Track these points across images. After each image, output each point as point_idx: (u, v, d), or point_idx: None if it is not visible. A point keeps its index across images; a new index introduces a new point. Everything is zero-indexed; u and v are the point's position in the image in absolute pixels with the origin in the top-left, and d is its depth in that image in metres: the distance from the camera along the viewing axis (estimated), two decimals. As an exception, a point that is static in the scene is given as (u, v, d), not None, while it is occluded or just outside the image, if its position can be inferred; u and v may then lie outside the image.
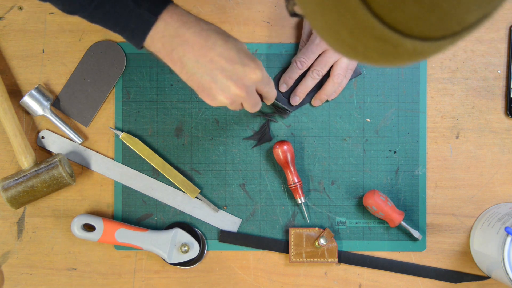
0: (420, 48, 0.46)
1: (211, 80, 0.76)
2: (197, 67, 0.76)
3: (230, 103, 0.79)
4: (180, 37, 0.75)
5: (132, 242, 0.96)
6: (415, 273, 0.99)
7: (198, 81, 0.77)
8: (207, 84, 0.77)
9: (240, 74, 0.77)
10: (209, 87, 0.77)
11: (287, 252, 0.99)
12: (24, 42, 1.00)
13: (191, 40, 0.75)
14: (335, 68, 0.96)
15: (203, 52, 0.75)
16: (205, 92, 0.78)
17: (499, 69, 1.00)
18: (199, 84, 0.77)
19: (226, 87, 0.77)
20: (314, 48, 0.94)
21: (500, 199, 1.00)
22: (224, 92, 0.77)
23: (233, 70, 0.76)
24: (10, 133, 0.96)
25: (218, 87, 0.77)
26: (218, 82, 0.77)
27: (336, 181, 1.00)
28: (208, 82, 0.77)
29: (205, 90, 0.78)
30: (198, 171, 1.00)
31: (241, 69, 0.76)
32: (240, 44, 0.78)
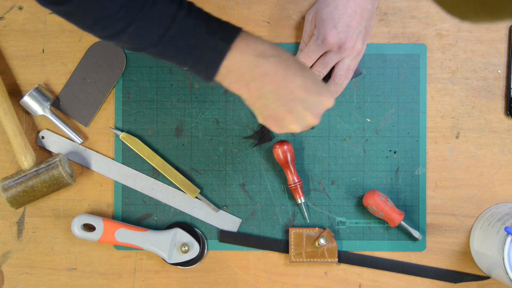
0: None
1: (287, 110, 0.76)
2: (276, 98, 0.75)
3: (299, 131, 0.79)
4: (260, 68, 0.73)
5: (132, 242, 0.96)
6: (415, 273, 0.99)
7: (273, 111, 0.76)
8: (282, 114, 0.76)
9: (316, 104, 0.76)
10: (283, 117, 0.76)
11: (287, 252, 0.99)
12: (24, 42, 1.00)
13: (272, 71, 0.73)
14: (337, 69, 0.95)
15: (284, 83, 0.74)
16: (276, 122, 0.77)
17: (499, 69, 1.00)
18: (273, 114, 0.76)
19: (302, 118, 0.77)
20: (315, 48, 0.94)
21: (500, 199, 1.00)
22: (299, 122, 0.77)
23: (311, 101, 0.76)
24: (10, 133, 0.96)
25: (293, 118, 0.76)
26: (294, 112, 0.76)
27: (336, 181, 1.00)
28: (284, 113, 0.76)
29: (277, 120, 0.77)
30: (198, 171, 1.00)
31: (318, 98, 0.76)
32: (312, 72, 0.77)
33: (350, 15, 0.91)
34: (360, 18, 0.91)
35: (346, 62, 0.95)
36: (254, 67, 0.73)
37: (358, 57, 0.95)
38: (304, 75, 0.75)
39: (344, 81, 0.97)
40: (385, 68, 1.00)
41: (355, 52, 0.94)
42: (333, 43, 0.92)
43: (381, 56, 1.00)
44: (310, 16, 0.96)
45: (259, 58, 0.73)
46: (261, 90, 0.74)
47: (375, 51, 1.00)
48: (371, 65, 1.00)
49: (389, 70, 1.00)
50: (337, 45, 0.92)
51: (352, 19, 0.91)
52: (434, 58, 1.00)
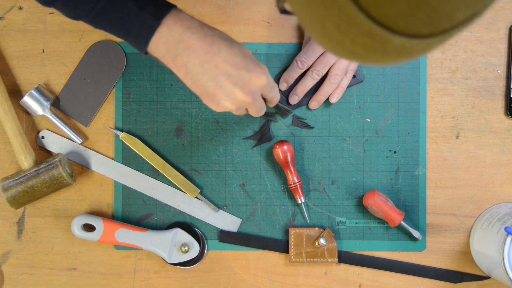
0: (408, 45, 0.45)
1: (216, 86, 0.76)
2: (202, 73, 0.75)
3: (235, 109, 0.79)
4: (184, 43, 0.74)
5: (132, 242, 0.96)
6: (415, 273, 0.99)
7: (202, 87, 0.76)
8: (212, 90, 0.76)
9: (245, 79, 0.76)
10: (214, 93, 0.77)
11: (287, 252, 0.99)
12: (24, 42, 1.00)
13: (196, 45, 0.75)
14: (333, 68, 0.96)
15: (208, 57, 0.75)
16: (210, 98, 0.77)
17: (499, 69, 1.00)
18: (204, 90, 0.77)
19: (232, 93, 0.76)
20: (315, 47, 0.94)
21: (500, 199, 1.00)
22: (230, 98, 0.77)
23: (239, 76, 0.76)
24: (10, 133, 0.96)
25: (223, 93, 0.76)
26: (223, 88, 0.76)
27: (336, 181, 1.00)
28: (213, 88, 0.76)
29: (210, 96, 0.77)
30: (198, 171, 1.00)
31: (247, 74, 0.76)
32: (245, 49, 0.77)
33: None
34: None
35: (344, 62, 0.95)
36: (178, 42, 0.74)
37: None
38: (232, 51, 0.76)
39: (344, 81, 0.97)
40: (385, 68, 1.00)
41: None
42: None
43: (381, 56, 1.00)
44: None
45: (184, 33, 0.74)
46: (187, 65, 0.75)
47: (375, 51, 1.00)
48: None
49: (389, 70, 1.00)
50: None
51: None
52: (434, 58, 1.00)
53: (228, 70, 0.75)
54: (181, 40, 0.74)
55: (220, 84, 0.76)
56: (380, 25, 0.43)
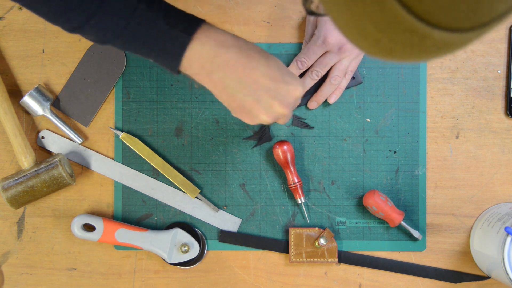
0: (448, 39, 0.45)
1: (254, 100, 0.75)
2: (240, 88, 0.74)
3: (270, 121, 0.78)
4: (220, 57, 0.73)
5: (132, 242, 0.96)
6: (415, 273, 0.99)
7: (239, 101, 0.75)
8: (249, 104, 0.75)
9: (284, 92, 0.75)
10: (250, 108, 0.76)
11: (287, 252, 0.99)
12: (24, 42, 1.00)
13: (233, 60, 0.73)
14: (333, 70, 0.96)
15: (247, 72, 0.73)
16: (245, 113, 0.77)
17: (499, 69, 1.00)
18: (240, 105, 0.76)
19: (270, 107, 0.76)
20: (316, 48, 0.94)
21: (500, 199, 1.00)
22: (267, 112, 0.76)
23: (278, 89, 0.75)
24: (10, 133, 0.96)
25: (261, 107, 0.76)
26: (261, 102, 0.75)
27: (336, 181, 1.00)
28: (251, 103, 0.75)
29: (246, 111, 0.76)
30: (198, 171, 1.00)
31: (285, 87, 0.75)
32: (278, 61, 0.77)
33: None
34: None
35: (344, 63, 0.95)
36: (214, 57, 0.73)
37: (358, 59, 0.96)
38: (269, 64, 0.75)
39: (342, 82, 0.97)
40: (385, 68, 1.00)
41: (354, 54, 0.94)
42: (333, 44, 0.92)
43: (381, 56, 1.00)
44: (312, 16, 0.96)
45: (219, 48, 0.73)
46: (224, 81, 0.74)
47: (375, 51, 1.00)
48: (371, 65, 1.00)
49: (389, 70, 1.00)
50: (337, 46, 0.92)
51: None
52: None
53: (267, 84, 0.74)
54: (216, 55, 0.73)
55: (258, 98, 0.75)
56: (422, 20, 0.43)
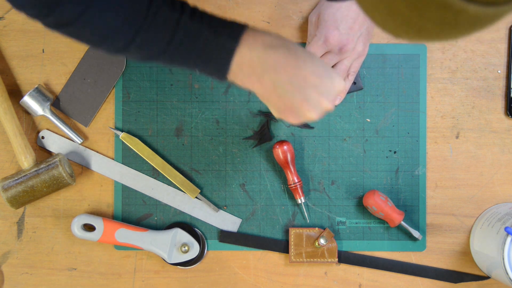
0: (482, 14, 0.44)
1: (303, 99, 0.75)
2: (290, 88, 0.74)
3: (316, 118, 0.78)
4: (270, 59, 0.73)
5: (132, 242, 0.96)
6: (415, 273, 0.99)
7: (289, 101, 0.75)
8: (298, 103, 0.75)
9: (329, 87, 0.76)
10: (299, 106, 0.76)
11: (287, 252, 0.99)
12: (24, 42, 1.00)
13: (283, 61, 0.73)
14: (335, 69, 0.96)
15: (297, 72, 0.74)
16: (293, 112, 0.77)
17: (499, 69, 1.00)
18: (289, 105, 0.76)
19: (318, 103, 0.76)
20: (316, 48, 0.94)
21: (500, 199, 1.00)
22: (316, 109, 0.76)
23: (324, 86, 0.75)
24: (10, 133, 0.96)
25: (309, 105, 0.76)
26: (310, 100, 0.75)
27: (336, 181, 1.00)
28: (300, 101, 0.75)
29: (294, 110, 0.76)
30: (198, 171, 1.00)
31: (330, 82, 0.76)
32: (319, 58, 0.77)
33: (352, 18, 0.91)
34: (362, 21, 0.91)
35: (345, 63, 0.95)
36: (264, 60, 0.73)
37: (360, 59, 0.96)
38: (314, 61, 0.75)
39: (346, 84, 0.97)
40: (385, 68, 1.00)
41: (356, 54, 0.94)
42: (334, 44, 0.92)
43: (381, 56, 1.00)
44: (313, 17, 0.96)
45: (267, 50, 0.73)
46: (274, 82, 0.74)
47: (375, 51, 1.00)
48: (371, 65, 1.00)
49: (389, 70, 1.00)
50: (338, 46, 0.92)
51: (354, 22, 0.91)
52: (434, 58, 1.00)
53: (315, 82, 0.75)
54: (266, 57, 0.73)
55: (307, 96, 0.75)
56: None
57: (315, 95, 0.75)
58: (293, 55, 0.74)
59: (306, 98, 0.75)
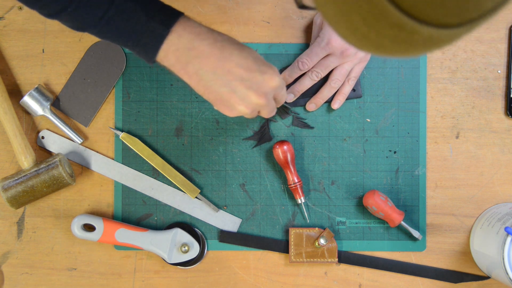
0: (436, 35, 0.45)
1: (230, 91, 0.75)
2: (214, 79, 0.75)
3: (249, 113, 0.78)
4: (195, 50, 0.74)
5: (132, 242, 0.96)
6: (415, 273, 0.99)
7: (216, 93, 0.76)
8: (226, 95, 0.76)
9: (259, 82, 0.76)
10: (227, 99, 0.76)
11: (287, 252, 0.99)
12: (24, 42, 1.00)
13: (207, 52, 0.74)
14: (334, 73, 0.95)
15: (221, 63, 0.74)
16: (224, 104, 0.77)
17: (499, 69, 1.00)
18: (217, 96, 0.76)
19: (246, 97, 0.76)
20: (318, 50, 0.94)
21: (500, 199, 1.00)
22: (244, 102, 0.76)
23: (253, 79, 0.75)
24: (10, 133, 0.96)
25: (237, 98, 0.76)
26: (237, 92, 0.75)
27: (336, 181, 1.00)
28: (227, 94, 0.76)
29: (224, 102, 0.77)
30: (198, 171, 1.00)
31: (260, 77, 0.76)
32: (254, 52, 0.77)
33: None
34: None
35: (346, 67, 0.95)
36: (189, 50, 0.74)
37: (361, 64, 0.95)
38: (243, 55, 0.75)
39: (346, 88, 0.97)
40: (385, 68, 1.00)
41: (357, 59, 0.94)
42: (336, 47, 0.92)
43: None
44: (318, 19, 0.96)
45: (194, 40, 0.74)
46: (199, 72, 0.75)
47: (375, 51, 1.00)
48: (371, 65, 1.00)
49: (389, 70, 1.00)
50: (340, 49, 0.92)
51: None
52: (434, 58, 1.00)
53: (242, 74, 0.75)
54: (191, 47, 0.74)
55: (234, 89, 0.75)
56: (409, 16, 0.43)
57: (242, 88, 0.75)
58: (219, 47, 0.74)
59: (232, 91, 0.75)
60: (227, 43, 0.75)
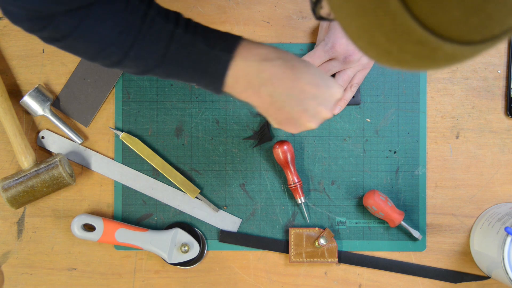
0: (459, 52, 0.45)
1: (302, 110, 0.75)
2: (288, 100, 0.74)
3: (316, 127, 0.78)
4: (266, 72, 0.73)
5: (132, 242, 0.96)
6: (415, 273, 0.99)
7: (287, 113, 0.75)
8: (298, 114, 0.75)
9: (327, 97, 0.76)
10: (298, 117, 0.76)
11: (287, 252, 0.99)
12: (24, 42, 1.00)
13: (279, 73, 0.73)
14: (336, 78, 0.95)
15: (294, 84, 0.73)
16: (292, 123, 0.77)
17: (499, 69, 1.00)
18: (288, 116, 0.76)
19: (317, 113, 0.76)
20: (322, 53, 0.93)
21: (500, 199, 1.00)
22: (315, 119, 0.76)
23: (322, 95, 0.75)
24: (10, 133, 0.96)
25: (309, 115, 0.76)
26: (309, 110, 0.75)
27: (336, 181, 1.00)
28: (299, 113, 0.75)
29: (293, 121, 0.76)
30: (198, 171, 1.00)
31: (328, 92, 0.76)
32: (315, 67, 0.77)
33: None
34: None
35: (348, 73, 0.95)
36: (260, 72, 0.73)
37: (363, 71, 0.95)
38: (311, 72, 0.75)
39: (348, 93, 0.97)
40: (385, 68, 1.00)
41: (360, 66, 0.94)
42: (340, 52, 0.92)
43: (381, 56, 1.00)
44: (325, 23, 0.96)
45: (263, 62, 0.73)
46: (272, 95, 0.74)
47: (375, 51, 1.00)
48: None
49: (389, 70, 1.00)
50: (343, 55, 0.92)
51: None
52: (434, 58, 1.00)
53: (313, 92, 0.74)
54: (261, 69, 0.73)
55: (306, 107, 0.75)
56: (433, 33, 0.44)
57: (314, 105, 0.75)
58: (290, 67, 0.73)
59: (305, 109, 0.75)
60: (295, 61, 0.74)
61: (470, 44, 0.45)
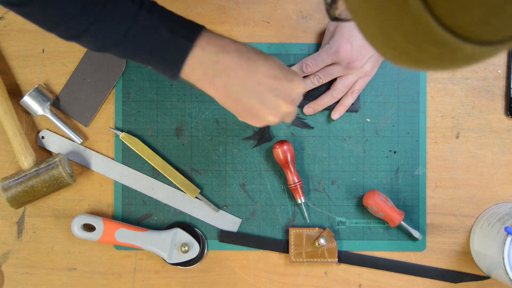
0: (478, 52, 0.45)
1: (260, 102, 0.75)
2: (244, 91, 0.74)
3: (278, 121, 0.78)
4: (221, 63, 0.73)
5: (132, 242, 0.96)
6: (415, 273, 0.99)
7: (245, 105, 0.75)
8: (256, 107, 0.75)
9: (287, 90, 0.75)
10: (257, 110, 0.75)
11: (287, 252, 0.99)
12: (24, 42, 1.00)
13: (234, 64, 0.73)
14: (337, 83, 0.95)
15: (249, 75, 0.73)
16: (252, 116, 0.76)
17: (499, 69, 1.00)
18: (246, 109, 0.75)
19: (276, 106, 0.75)
20: (325, 56, 0.93)
21: (500, 199, 1.00)
22: (275, 112, 0.76)
23: (281, 88, 0.75)
24: (10, 133, 0.96)
25: (267, 108, 0.75)
26: (267, 103, 0.75)
27: (336, 181, 1.00)
28: (257, 105, 0.75)
29: (252, 113, 0.76)
30: (198, 171, 1.00)
31: (288, 84, 0.75)
32: (277, 60, 0.77)
33: None
34: None
35: (350, 79, 0.95)
36: (215, 63, 0.73)
37: (365, 79, 0.95)
38: (269, 64, 0.75)
39: (348, 99, 0.96)
40: (385, 68, 1.00)
41: (362, 73, 0.94)
42: (344, 57, 0.92)
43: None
44: (331, 26, 0.96)
45: (220, 53, 0.73)
46: (227, 85, 0.74)
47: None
48: (371, 65, 1.00)
49: (389, 70, 1.00)
50: (347, 60, 0.92)
51: None
52: (434, 58, 1.00)
53: (270, 84, 0.74)
54: (217, 60, 0.73)
55: (263, 100, 0.75)
56: (453, 33, 0.43)
57: (272, 98, 0.75)
58: (246, 59, 0.73)
59: (263, 102, 0.75)
60: (252, 53, 0.74)
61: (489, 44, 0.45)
